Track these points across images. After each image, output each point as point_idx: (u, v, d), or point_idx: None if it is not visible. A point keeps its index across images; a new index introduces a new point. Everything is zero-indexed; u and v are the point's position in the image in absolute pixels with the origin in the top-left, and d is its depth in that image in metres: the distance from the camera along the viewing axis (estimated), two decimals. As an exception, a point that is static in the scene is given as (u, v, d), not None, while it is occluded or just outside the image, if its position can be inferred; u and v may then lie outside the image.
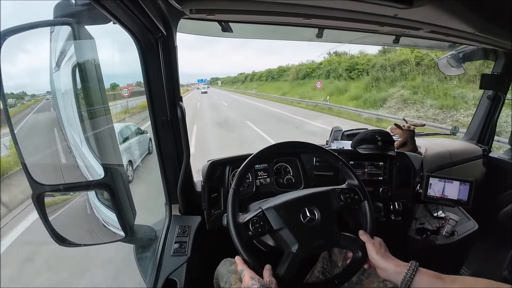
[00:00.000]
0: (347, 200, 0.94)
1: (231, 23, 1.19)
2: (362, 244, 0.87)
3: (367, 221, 0.94)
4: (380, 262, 0.82)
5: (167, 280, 0.96)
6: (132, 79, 9.23)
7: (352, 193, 0.96)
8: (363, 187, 0.98)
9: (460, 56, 1.86)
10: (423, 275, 0.75)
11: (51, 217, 0.79)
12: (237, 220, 0.84)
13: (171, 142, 1.16)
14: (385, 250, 0.85)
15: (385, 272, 0.81)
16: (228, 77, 66.09)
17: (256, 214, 0.87)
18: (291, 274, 0.80)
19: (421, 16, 1.09)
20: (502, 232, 1.66)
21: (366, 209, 0.95)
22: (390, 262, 0.80)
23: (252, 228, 0.84)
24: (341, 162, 1.01)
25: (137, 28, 0.91)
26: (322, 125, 9.88)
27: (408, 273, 0.75)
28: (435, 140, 2.20)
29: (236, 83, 52.29)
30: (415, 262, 0.77)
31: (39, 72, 0.95)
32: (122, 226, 0.87)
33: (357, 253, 0.87)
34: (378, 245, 0.86)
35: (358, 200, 0.96)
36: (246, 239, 0.83)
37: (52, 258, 2.64)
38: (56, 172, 0.88)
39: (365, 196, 0.96)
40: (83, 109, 0.81)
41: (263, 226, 0.85)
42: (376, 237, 0.89)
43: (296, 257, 0.82)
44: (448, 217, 1.51)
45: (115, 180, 0.83)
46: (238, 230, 0.82)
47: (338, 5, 1.00)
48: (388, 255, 0.83)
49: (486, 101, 1.97)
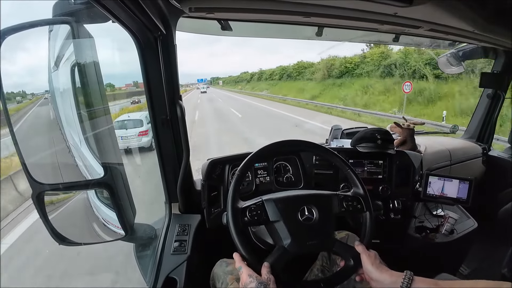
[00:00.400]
0: (349, 208, 0.93)
1: (231, 22, 1.19)
2: (356, 254, 0.86)
3: (365, 233, 0.93)
4: (374, 274, 0.81)
5: (167, 279, 0.96)
6: (132, 78, 9.10)
7: (356, 201, 0.95)
8: (367, 198, 0.96)
9: (460, 55, 1.86)
10: (419, 283, 0.74)
11: (51, 216, 0.79)
12: (236, 204, 0.86)
13: (171, 140, 1.16)
14: (380, 262, 0.84)
15: (380, 284, 0.80)
16: (230, 77, 62.57)
17: (255, 202, 0.88)
18: (278, 267, 0.81)
19: (421, 15, 1.09)
20: (502, 230, 1.66)
21: (367, 220, 0.94)
22: (385, 273, 0.80)
23: (249, 215, 0.85)
24: (349, 169, 1.00)
25: (136, 27, 0.91)
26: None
27: (404, 282, 0.74)
28: (435, 138, 2.20)
29: (239, 82, 47.14)
30: (409, 272, 0.76)
31: (38, 71, 0.95)
32: (122, 224, 0.88)
33: (349, 262, 0.87)
34: (374, 256, 0.85)
35: (361, 210, 0.94)
36: (242, 225, 0.84)
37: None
38: (56, 171, 0.88)
39: (368, 207, 0.94)
40: (82, 108, 0.81)
41: (259, 215, 0.86)
42: (371, 250, 0.88)
43: (286, 251, 0.82)
44: (447, 215, 1.51)
45: (115, 179, 0.83)
46: (235, 214, 0.84)
47: (338, 4, 1.00)
48: (382, 267, 0.82)
49: (486, 100, 1.98)
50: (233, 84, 51.15)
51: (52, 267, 2.59)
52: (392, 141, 1.46)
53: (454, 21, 1.16)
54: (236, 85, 46.56)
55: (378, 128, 1.51)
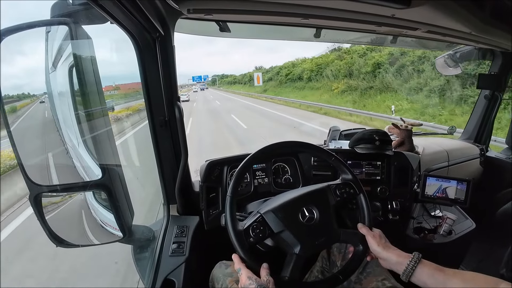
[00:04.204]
0: (343, 195, 0.95)
1: (229, 23, 1.19)
2: (362, 237, 0.88)
3: (364, 214, 0.95)
4: (382, 253, 0.83)
5: (165, 281, 0.96)
6: (130, 79, 8.98)
7: (347, 187, 0.97)
8: (357, 181, 0.98)
9: (457, 56, 1.87)
10: (425, 266, 0.75)
11: (48, 218, 0.78)
12: (237, 227, 0.83)
13: (169, 142, 1.15)
14: (385, 241, 0.86)
15: (387, 263, 0.82)
16: (232, 75, 52.00)
17: (255, 219, 0.86)
18: (297, 276, 0.80)
19: (418, 16, 1.09)
20: (500, 231, 1.67)
21: (363, 202, 0.96)
22: (391, 253, 0.81)
23: (252, 234, 0.83)
24: (333, 157, 1.02)
25: (134, 28, 0.91)
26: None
27: (410, 264, 0.76)
28: (433, 139, 2.20)
29: (241, 84, 39.16)
30: (418, 253, 0.78)
31: (36, 72, 0.94)
32: (120, 226, 0.87)
33: (358, 247, 0.88)
34: (378, 236, 0.87)
35: (354, 194, 0.97)
36: (248, 246, 0.82)
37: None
38: (53, 172, 0.88)
39: (360, 189, 0.97)
40: (80, 110, 0.81)
41: (263, 231, 0.84)
42: (375, 229, 0.91)
43: (299, 258, 0.82)
44: (445, 216, 1.52)
45: (113, 180, 0.82)
46: (239, 238, 0.82)
47: (336, 5, 1.00)
48: (389, 246, 0.84)
49: (483, 101, 1.98)
50: (243, 86, 39.80)
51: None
52: (390, 142, 1.47)
53: (451, 23, 1.16)
54: (248, 89, 35.39)
55: (376, 129, 1.51)
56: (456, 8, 0.98)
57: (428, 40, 1.58)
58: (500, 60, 1.83)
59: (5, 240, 2.70)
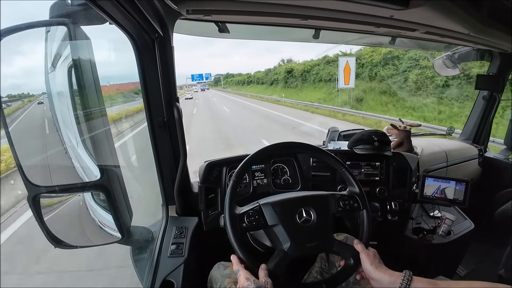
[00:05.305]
0: (345, 207, 0.93)
1: (228, 24, 1.19)
2: (355, 252, 0.86)
3: (363, 231, 0.93)
4: (374, 273, 0.81)
5: (164, 282, 0.95)
6: (129, 80, 8.96)
7: (352, 200, 0.95)
8: (363, 196, 0.96)
9: (456, 57, 1.88)
10: (417, 283, 0.75)
11: (46, 219, 0.78)
12: (233, 211, 0.85)
13: (168, 143, 1.15)
14: (379, 261, 0.85)
15: (379, 283, 0.81)
16: (239, 74, 46.00)
17: (253, 207, 0.87)
18: (280, 271, 0.80)
19: (417, 17, 1.10)
20: (498, 231, 1.67)
21: (365, 218, 0.94)
22: (383, 273, 0.80)
23: (247, 220, 0.85)
24: (344, 168, 1.01)
25: (133, 29, 0.90)
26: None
27: (403, 283, 0.75)
28: (431, 140, 2.21)
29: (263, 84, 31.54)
30: (408, 271, 0.77)
31: (35, 72, 0.94)
32: (118, 227, 0.87)
33: (349, 261, 0.87)
34: (372, 255, 0.85)
35: (357, 208, 0.95)
36: (240, 231, 0.84)
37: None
38: (52, 173, 0.88)
39: (364, 205, 0.95)
40: (79, 110, 0.81)
41: (258, 220, 0.85)
42: (370, 248, 0.89)
43: (286, 255, 0.82)
44: (444, 216, 1.52)
45: (112, 181, 0.82)
46: (233, 220, 0.84)
47: (334, 6, 1.00)
48: (381, 266, 0.83)
49: (482, 102, 1.99)
50: (255, 86, 35.54)
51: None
52: (388, 143, 1.47)
53: (450, 24, 1.17)
54: (261, 89, 31.42)
55: (375, 130, 1.52)
56: (454, 9, 0.98)
57: (427, 41, 1.59)
58: (498, 61, 1.84)
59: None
